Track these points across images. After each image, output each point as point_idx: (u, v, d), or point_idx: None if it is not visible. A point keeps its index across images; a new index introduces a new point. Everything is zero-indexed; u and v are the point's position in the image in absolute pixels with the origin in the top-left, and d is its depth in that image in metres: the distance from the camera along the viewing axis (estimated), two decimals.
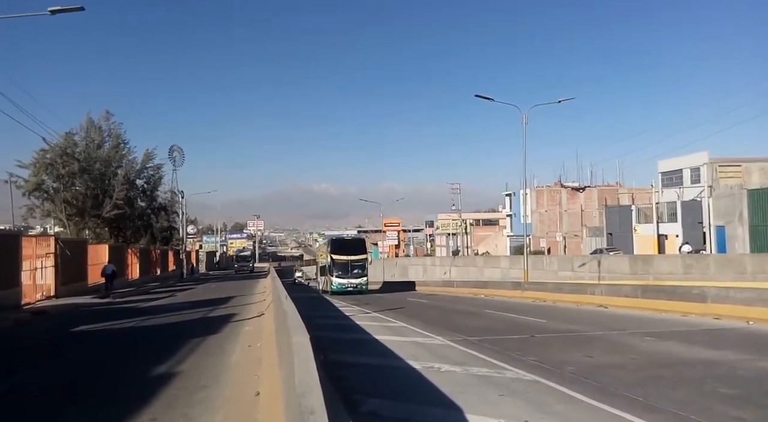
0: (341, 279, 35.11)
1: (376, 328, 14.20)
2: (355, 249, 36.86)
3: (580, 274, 32.89)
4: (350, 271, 35.38)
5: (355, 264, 35.69)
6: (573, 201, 61.42)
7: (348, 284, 34.96)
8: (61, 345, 12.19)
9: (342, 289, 34.55)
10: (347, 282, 34.97)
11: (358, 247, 37.47)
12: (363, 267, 36.02)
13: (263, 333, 11.30)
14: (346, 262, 35.56)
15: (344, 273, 35.29)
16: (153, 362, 9.03)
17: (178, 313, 17.62)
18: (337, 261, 35.62)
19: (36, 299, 21.18)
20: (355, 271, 35.52)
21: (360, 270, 35.75)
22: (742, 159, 44.08)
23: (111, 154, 35.12)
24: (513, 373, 8.25)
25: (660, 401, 6.61)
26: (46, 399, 7.12)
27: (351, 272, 35.41)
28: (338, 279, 35.09)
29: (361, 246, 38.27)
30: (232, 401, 6.63)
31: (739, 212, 32.46)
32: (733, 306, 14.31)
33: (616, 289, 19.76)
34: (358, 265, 35.85)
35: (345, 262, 35.56)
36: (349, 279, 35.13)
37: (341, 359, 9.21)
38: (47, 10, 16.98)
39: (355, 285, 34.96)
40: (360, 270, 35.72)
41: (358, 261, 35.86)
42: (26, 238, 22.11)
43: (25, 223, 38.00)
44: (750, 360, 9.21)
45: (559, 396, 6.92)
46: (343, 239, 40.69)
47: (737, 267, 25.63)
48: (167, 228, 47.90)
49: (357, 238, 40.89)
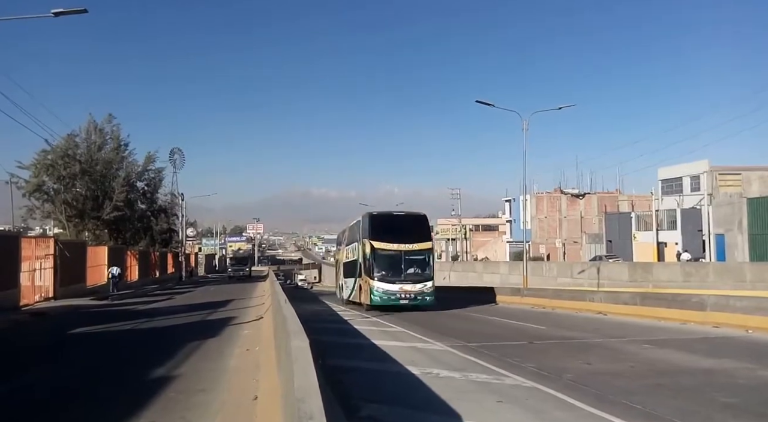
0: (388, 284, 21.27)
1: (375, 333, 14.18)
2: (413, 233, 22.41)
3: (580, 281, 32.86)
4: (404, 270, 21.64)
5: (414, 257, 21.90)
6: (573, 207, 61.44)
7: (400, 293, 21.19)
8: (60, 347, 12.17)
9: (389, 301, 21.23)
10: (399, 290, 21.19)
11: (417, 229, 22.84)
12: (425, 265, 22.05)
13: (262, 336, 11.28)
14: (398, 254, 21.74)
15: (393, 273, 21.48)
16: (151, 365, 9.01)
17: (176, 316, 17.59)
18: (382, 252, 21.72)
19: (35, 300, 21.15)
20: (412, 270, 21.75)
21: (420, 268, 21.91)
22: (742, 167, 44.16)
23: (112, 156, 35.15)
24: (512, 380, 8.23)
25: (659, 409, 6.60)
26: (44, 402, 7.11)
27: (405, 272, 21.65)
28: (382, 283, 21.29)
29: (423, 227, 23.49)
30: (230, 405, 6.62)
31: (738, 220, 32.48)
32: (733, 315, 14.29)
33: (616, 296, 19.73)
34: (418, 261, 21.98)
35: (395, 254, 21.78)
36: (402, 284, 21.28)
37: (340, 364, 9.19)
38: (51, 12, 17.04)
39: (412, 296, 21.32)
40: (420, 270, 21.89)
41: (418, 254, 22.04)
42: (25, 239, 22.11)
43: (24, 224, 37.99)
44: (749, 369, 9.19)
45: (557, 403, 6.91)
46: (392, 215, 24.03)
47: (736, 275, 25.61)
48: (167, 231, 47.86)
49: (414, 215, 23.79)
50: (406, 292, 21.21)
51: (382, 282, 21.29)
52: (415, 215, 23.68)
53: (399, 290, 21.17)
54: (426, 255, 22.13)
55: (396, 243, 21.80)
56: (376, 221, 22.75)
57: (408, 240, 21.91)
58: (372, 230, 22.13)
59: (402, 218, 23.65)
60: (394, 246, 21.80)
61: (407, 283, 21.34)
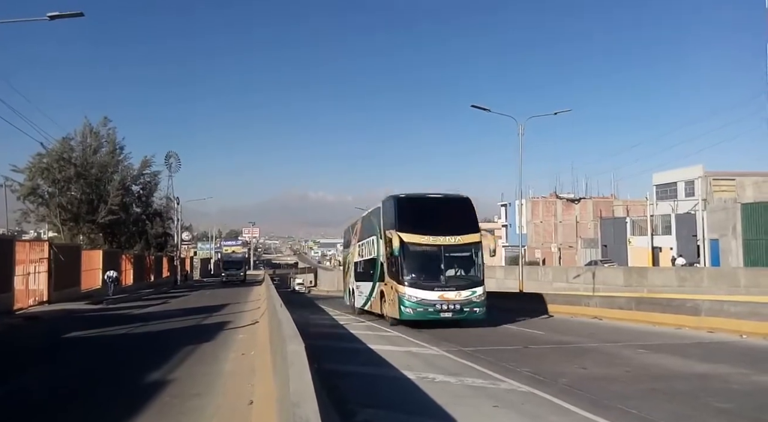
0: (424, 292, 15.94)
1: (371, 337, 14.17)
2: (456, 221, 17.10)
3: (575, 286, 32.93)
4: (444, 272, 16.44)
5: (458, 255, 16.88)
6: (568, 212, 61.64)
7: (441, 303, 15.86)
8: (53, 351, 12.10)
9: (426, 314, 15.85)
10: (439, 299, 15.86)
11: (461, 216, 17.42)
12: (473, 265, 16.91)
13: (257, 341, 11.26)
14: (436, 251, 16.47)
15: (431, 276, 16.30)
16: (145, 369, 8.97)
17: (171, 320, 17.53)
18: (415, 248, 16.40)
19: (28, 304, 21.02)
20: (455, 272, 16.83)
21: (466, 269, 16.93)
22: (736, 173, 44.43)
23: (107, 160, 35.11)
24: (507, 384, 8.23)
25: (654, 414, 6.61)
26: (37, 406, 7.07)
27: (446, 274, 16.46)
28: (415, 290, 15.96)
29: (468, 213, 17.61)
30: (225, 409, 6.60)
31: (732, 226, 32.64)
32: (727, 320, 14.34)
33: (611, 301, 19.78)
34: (464, 259, 16.94)
35: (433, 251, 16.52)
36: (442, 290, 15.99)
37: (335, 368, 9.17)
38: (46, 16, 17.04)
39: (457, 307, 15.94)
40: (466, 271, 16.90)
41: (462, 249, 16.84)
42: (20, 243, 22.00)
43: (19, 228, 37.89)
44: (743, 374, 9.22)
45: (553, 408, 6.92)
46: (427, 198, 18.36)
47: (731, 280, 25.71)
48: (162, 235, 47.77)
49: (456, 198, 18.48)
50: (449, 302, 15.76)
51: (416, 289, 15.82)
52: (458, 198, 18.26)
53: (439, 299, 15.73)
54: (473, 251, 16.75)
55: (434, 235, 16.38)
56: (406, 207, 17.22)
57: (449, 231, 16.51)
58: (400, 218, 16.68)
59: (440, 202, 18.11)
60: (430, 240, 16.35)
61: (449, 290, 15.93)
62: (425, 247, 16.51)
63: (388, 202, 18.09)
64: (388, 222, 17.47)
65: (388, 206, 17.98)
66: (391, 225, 17.01)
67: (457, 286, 16.23)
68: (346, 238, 27.78)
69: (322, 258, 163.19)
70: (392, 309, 16.69)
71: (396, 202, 17.46)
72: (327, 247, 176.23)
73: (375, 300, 19.21)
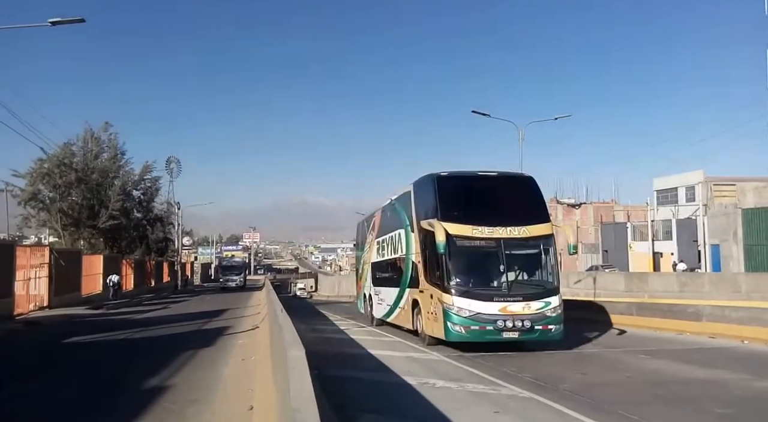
0: (480, 302, 11.75)
1: (372, 342, 14.13)
2: (518, 208, 13.26)
3: (576, 290, 32.82)
4: (506, 276, 12.12)
5: (523, 253, 12.74)
6: (569, 217, 61.61)
7: (503, 318, 11.64)
8: (54, 356, 12.09)
9: (483, 334, 11.75)
10: (500, 314, 11.67)
11: (524, 202, 13.53)
12: (544, 267, 12.68)
13: (257, 346, 11.25)
14: (494, 247, 12.23)
15: (487, 281, 12.33)
16: (145, 375, 8.96)
17: (171, 325, 17.51)
18: (465, 243, 12.26)
19: (29, 309, 21.01)
20: (519, 275, 12.61)
21: (534, 273, 12.77)
22: (737, 178, 44.42)
23: (108, 165, 35.12)
24: (508, 390, 8.22)
25: (655, 419, 6.60)
26: (36, 411, 7.05)
27: (509, 279, 12.16)
28: (467, 300, 11.77)
29: (533, 198, 13.60)
30: (224, 415, 6.58)
31: (733, 231, 32.62)
32: (728, 325, 14.31)
33: (612, 306, 19.72)
34: (531, 259, 12.74)
35: (490, 248, 12.30)
36: (505, 301, 11.79)
37: (336, 373, 9.15)
38: (48, 21, 17.10)
39: (526, 324, 11.68)
40: (534, 275, 12.74)
41: (529, 245, 12.62)
42: (20, 248, 21.99)
43: (19, 233, 37.90)
44: (745, 379, 9.20)
45: (554, 414, 6.90)
46: (478, 177, 13.70)
47: (732, 286, 25.62)
48: (162, 240, 47.79)
49: (516, 177, 14.94)
50: (515, 317, 11.54)
51: (468, 298, 11.63)
52: (520, 176, 14.44)
53: (501, 313, 11.54)
54: (544, 247, 12.43)
55: (491, 226, 12.10)
56: (452, 189, 13.03)
57: (511, 220, 12.32)
58: (444, 204, 12.57)
59: (498, 182, 13.68)
60: (487, 233, 12.08)
61: (515, 300, 11.71)
62: (480, 242, 12.19)
63: (424, 184, 13.85)
64: (424, 209, 13.46)
65: (424, 188, 13.76)
66: (429, 214, 12.86)
67: (525, 296, 11.86)
68: (360, 235, 23.32)
69: (323, 263, 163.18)
70: (433, 325, 12.49)
71: (437, 182, 13.06)
72: (327, 252, 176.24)
73: (403, 312, 15.25)
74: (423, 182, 14.08)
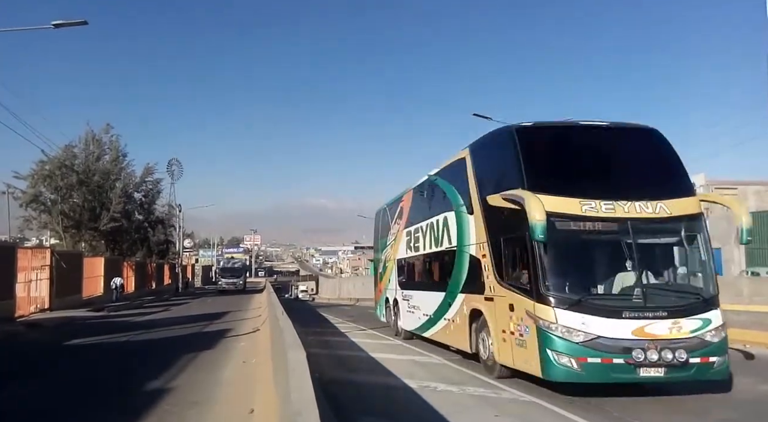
0: (596, 319, 7.36)
1: (373, 346, 14.11)
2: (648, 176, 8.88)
3: None
4: (637, 278, 7.76)
5: (658, 242, 8.49)
6: None
7: (638, 346, 7.22)
8: (54, 358, 12.09)
9: (610, 370, 7.25)
10: (633, 339, 7.28)
11: (656, 166, 9.00)
12: (690, 262, 8.44)
13: (258, 349, 11.23)
14: (615, 233, 8.00)
15: (609, 286, 8.01)
16: (145, 377, 8.95)
17: (172, 328, 17.50)
18: (570, 226, 7.87)
19: (30, 311, 21.01)
20: (652, 276, 8.16)
21: (676, 271, 8.44)
22: (738, 182, 44.35)
23: (110, 167, 35.17)
24: (509, 394, 8.19)
25: None
26: (36, 413, 7.04)
27: (643, 283, 7.75)
28: (578, 316, 7.40)
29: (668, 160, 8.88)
30: (225, 418, 6.57)
31: (734, 235, 32.55)
32: (730, 329, 14.24)
33: None
34: (672, 251, 8.54)
35: (609, 234, 8.04)
36: (642, 316, 7.41)
37: (337, 376, 9.14)
38: (51, 24, 17.14)
39: (678, 356, 7.20)
40: (676, 275, 8.40)
41: (668, 230, 8.36)
42: (21, 250, 22.02)
43: (21, 235, 37.90)
44: (747, 383, 9.16)
45: (555, 418, 6.88)
46: (584, 129, 9.20)
47: (734, 289, 25.59)
48: (164, 242, 47.80)
49: (641, 130, 9.24)
50: (658, 343, 7.37)
51: (580, 313, 7.53)
52: (643, 129, 9.43)
53: (636, 338, 7.39)
54: (690, 233, 8.59)
55: (607, 199, 8.08)
56: (543, 146, 9.15)
57: (637, 192, 8.26)
58: (531, 167, 8.51)
59: (610, 136, 9.37)
60: (602, 210, 7.99)
61: (655, 316, 7.57)
62: (595, 224, 8.01)
63: (493, 143, 9.97)
64: (494, 180, 9.51)
65: (493, 150, 9.95)
66: (504, 185, 8.77)
67: (672, 310, 7.68)
68: (379, 228, 18.99)
69: (324, 265, 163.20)
70: (513, 351, 8.54)
71: (519, 136, 8.88)
72: (328, 255, 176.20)
73: (453, 326, 11.30)
74: (490, 141, 10.02)
